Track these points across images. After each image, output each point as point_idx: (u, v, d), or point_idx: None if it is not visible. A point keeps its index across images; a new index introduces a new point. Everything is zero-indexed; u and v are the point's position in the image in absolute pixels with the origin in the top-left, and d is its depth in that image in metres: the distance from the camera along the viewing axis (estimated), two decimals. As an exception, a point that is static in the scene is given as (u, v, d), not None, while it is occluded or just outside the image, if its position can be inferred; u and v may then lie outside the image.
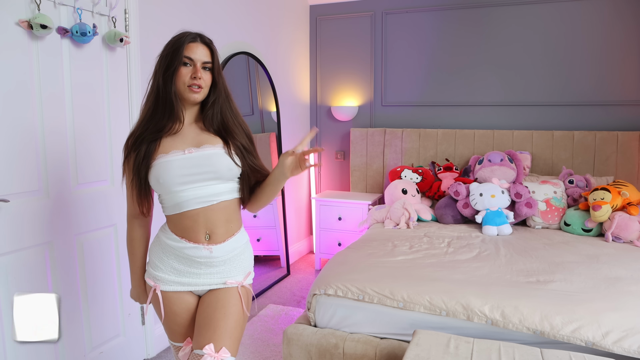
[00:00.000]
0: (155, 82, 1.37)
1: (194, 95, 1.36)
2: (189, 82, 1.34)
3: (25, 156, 1.83)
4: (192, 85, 1.35)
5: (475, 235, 2.85)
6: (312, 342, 1.95)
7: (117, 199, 2.24)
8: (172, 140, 1.38)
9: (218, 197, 1.39)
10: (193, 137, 1.41)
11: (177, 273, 1.41)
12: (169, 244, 1.41)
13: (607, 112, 3.40)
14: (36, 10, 1.80)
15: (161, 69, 1.36)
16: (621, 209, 2.80)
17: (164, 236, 1.42)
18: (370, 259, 2.33)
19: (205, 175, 1.37)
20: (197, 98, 1.37)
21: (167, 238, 1.41)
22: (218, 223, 1.40)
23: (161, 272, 1.42)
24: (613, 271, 2.14)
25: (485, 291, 1.89)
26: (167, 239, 1.41)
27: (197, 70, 1.35)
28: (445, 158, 3.68)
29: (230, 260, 1.43)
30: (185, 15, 2.67)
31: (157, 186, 1.37)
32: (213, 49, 1.40)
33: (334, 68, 4.18)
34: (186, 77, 1.34)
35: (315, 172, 4.34)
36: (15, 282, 1.79)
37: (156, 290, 1.41)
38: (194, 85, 1.35)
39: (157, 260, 1.43)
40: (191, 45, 1.35)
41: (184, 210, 1.37)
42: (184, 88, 1.35)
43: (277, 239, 3.75)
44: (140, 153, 1.36)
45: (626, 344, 1.60)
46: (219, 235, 1.40)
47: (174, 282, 1.41)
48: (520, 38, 3.56)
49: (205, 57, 1.36)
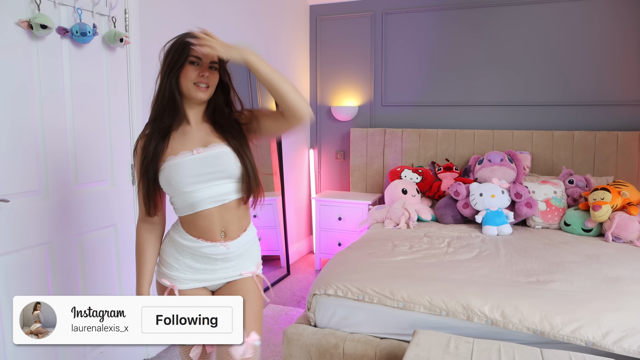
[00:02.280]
0: (162, 81, 1.37)
1: (200, 94, 1.35)
2: (195, 79, 1.34)
3: (25, 156, 1.83)
4: (198, 84, 1.34)
5: (475, 235, 2.85)
6: (312, 342, 1.95)
7: (117, 199, 2.24)
8: (181, 141, 1.38)
9: (230, 195, 1.40)
10: (201, 137, 1.40)
11: (193, 271, 1.42)
12: (184, 244, 1.41)
13: (607, 112, 3.40)
14: (36, 10, 1.80)
15: (167, 67, 1.35)
16: (621, 209, 2.80)
17: (178, 237, 1.42)
18: (370, 259, 2.33)
19: (216, 175, 1.37)
20: (203, 97, 1.37)
21: (182, 238, 1.41)
22: (231, 220, 1.41)
23: (176, 272, 1.42)
24: (613, 271, 2.14)
25: (485, 291, 1.89)
26: (182, 239, 1.41)
27: (204, 69, 1.34)
28: (445, 158, 3.68)
29: (244, 253, 1.46)
30: (186, 15, 2.67)
31: (169, 188, 1.37)
32: None
33: (334, 68, 4.18)
34: (193, 75, 1.33)
35: (316, 172, 4.34)
36: (15, 282, 1.79)
37: (174, 289, 1.41)
38: (200, 83, 1.34)
39: (172, 260, 1.42)
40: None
41: (198, 210, 1.37)
42: (190, 86, 1.34)
43: (277, 239, 3.75)
44: (149, 154, 1.35)
45: (626, 344, 1.60)
46: (233, 231, 1.42)
47: (191, 279, 1.42)
48: (520, 38, 3.56)
49: (213, 57, 1.35)
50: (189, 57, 1.33)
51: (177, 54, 1.33)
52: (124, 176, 2.29)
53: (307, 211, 4.35)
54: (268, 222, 3.67)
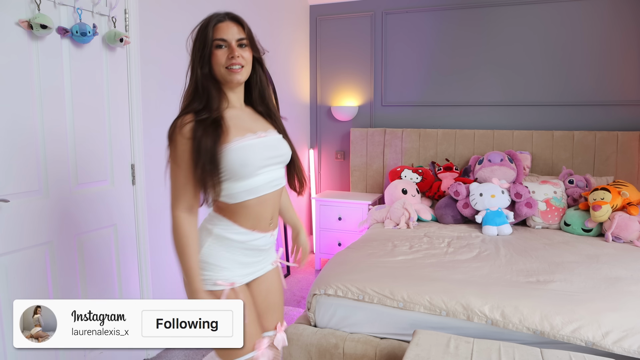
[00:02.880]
0: (194, 72, 1.31)
1: (236, 76, 1.30)
2: (227, 63, 1.28)
3: (25, 156, 1.83)
4: (231, 66, 1.28)
5: (475, 235, 2.85)
6: (312, 342, 1.95)
7: (117, 199, 2.24)
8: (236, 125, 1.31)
9: (282, 180, 1.41)
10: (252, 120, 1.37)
11: (242, 266, 1.37)
12: (235, 239, 1.33)
13: (607, 112, 3.40)
14: (36, 10, 1.80)
15: (196, 57, 1.29)
16: (621, 209, 2.80)
17: (228, 232, 1.33)
18: (370, 259, 2.33)
19: (278, 159, 1.37)
20: (240, 78, 1.31)
21: (234, 232, 1.33)
22: (277, 206, 1.42)
23: (227, 272, 1.33)
24: (613, 271, 2.14)
25: (485, 291, 1.89)
26: (234, 233, 1.33)
27: (233, 49, 1.28)
28: (445, 158, 3.68)
29: (275, 242, 1.49)
30: (186, 15, 2.67)
31: (239, 170, 1.27)
32: (244, 24, 1.34)
33: (334, 68, 4.18)
34: (223, 59, 1.28)
35: (316, 172, 4.34)
36: (15, 282, 1.79)
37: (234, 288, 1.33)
38: (233, 65, 1.28)
39: (219, 262, 1.32)
40: (220, 26, 1.29)
41: (258, 195, 1.32)
42: (223, 71, 1.29)
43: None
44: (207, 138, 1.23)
45: (626, 344, 1.60)
46: (276, 219, 1.44)
47: (241, 275, 1.37)
48: (520, 38, 3.56)
49: (239, 34, 1.30)
50: (214, 42, 1.28)
51: (202, 41, 1.28)
52: (124, 176, 2.29)
53: (307, 211, 4.35)
54: (268, 222, 3.67)
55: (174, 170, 1.27)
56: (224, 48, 1.29)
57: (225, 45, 1.29)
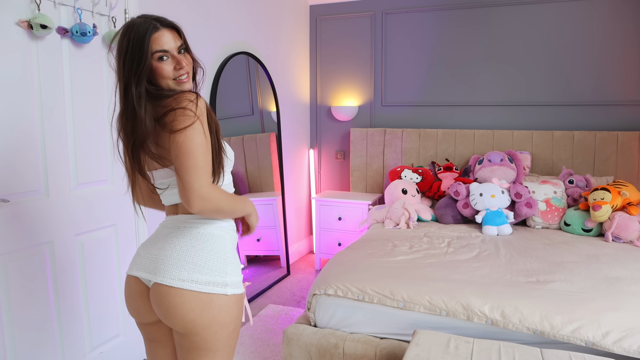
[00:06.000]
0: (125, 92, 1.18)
1: (186, 86, 1.23)
2: (174, 74, 1.20)
3: (25, 156, 1.83)
4: (179, 77, 1.20)
5: (475, 235, 2.85)
6: (312, 342, 1.95)
7: (117, 199, 2.24)
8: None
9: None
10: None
11: (238, 267, 1.29)
12: (228, 237, 1.28)
13: (607, 112, 3.40)
14: (36, 10, 1.80)
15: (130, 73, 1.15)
16: (621, 209, 2.80)
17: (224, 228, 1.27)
18: (370, 259, 2.33)
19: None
20: (190, 86, 1.26)
21: (232, 228, 1.31)
22: None
23: (234, 276, 1.24)
24: (613, 271, 2.14)
25: (485, 291, 1.89)
26: (232, 228, 1.31)
27: (179, 60, 1.19)
28: (445, 158, 3.68)
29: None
30: (186, 15, 2.67)
31: (229, 160, 1.30)
32: (177, 27, 1.23)
33: (334, 68, 4.18)
34: (169, 71, 1.19)
35: (316, 172, 4.34)
36: (15, 282, 1.79)
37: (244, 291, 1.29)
38: (181, 75, 1.20)
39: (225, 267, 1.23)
40: (157, 36, 1.16)
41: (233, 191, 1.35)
42: (172, 83, 1.20)
43: (277, 239, 3.75)
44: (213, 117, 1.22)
45: (626, 344, 1.60)
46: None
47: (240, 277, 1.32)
48: (520, 38, 3.56)
49: (177, 41, 1.20)
50: (155, 54, 1.16)
51: (137, 55, 1.14)
52: (124, 176, 2.29)
53: (307, 211, 4.35)
54: (268, 222, 3.67)
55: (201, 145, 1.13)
56: (166, 59, 1.18)
57: (167, 56, 1.18)
